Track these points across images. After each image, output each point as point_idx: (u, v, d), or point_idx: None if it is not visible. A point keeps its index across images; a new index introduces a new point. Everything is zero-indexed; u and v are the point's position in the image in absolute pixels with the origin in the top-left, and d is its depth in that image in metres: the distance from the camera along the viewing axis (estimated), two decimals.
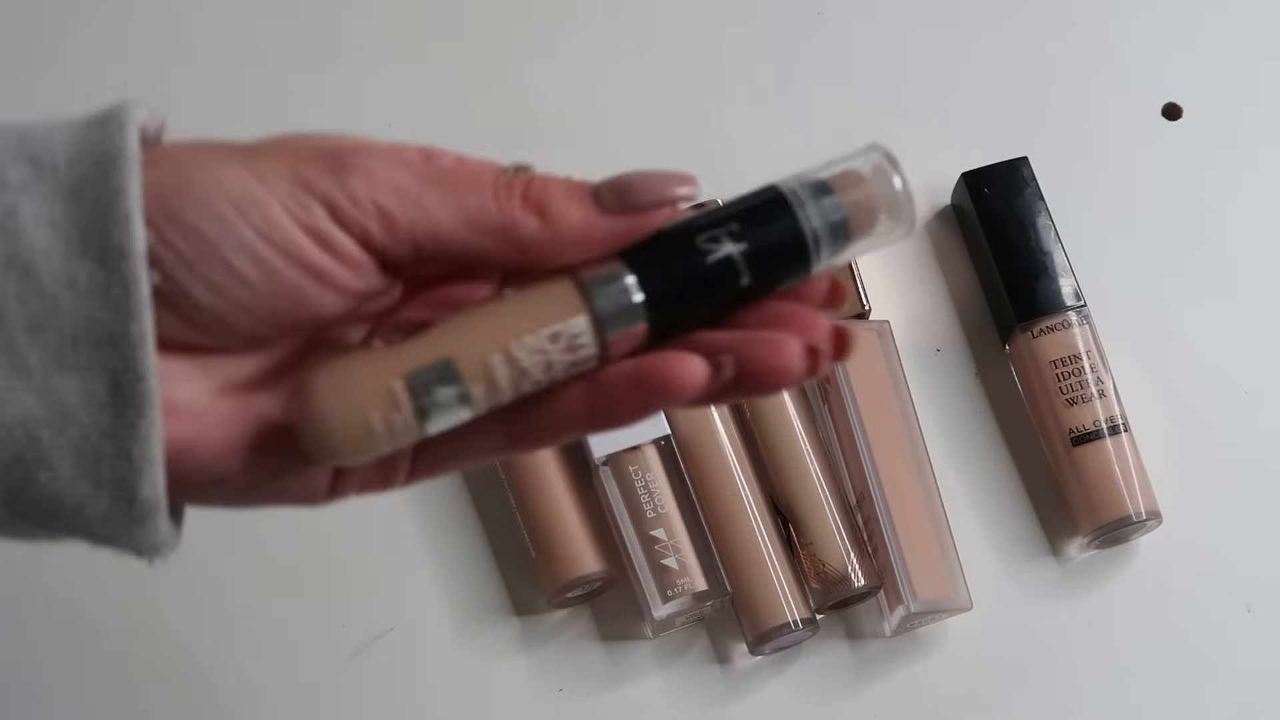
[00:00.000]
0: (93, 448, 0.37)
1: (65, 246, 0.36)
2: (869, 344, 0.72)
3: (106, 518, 0.37)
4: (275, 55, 0.81)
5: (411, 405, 0.38)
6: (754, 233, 0.40)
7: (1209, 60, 0.80)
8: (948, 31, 0.81)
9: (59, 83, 0.80)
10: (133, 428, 0.36)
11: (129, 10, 0.81)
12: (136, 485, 0.37)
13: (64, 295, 0.36)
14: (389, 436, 0.39)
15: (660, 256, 0.40)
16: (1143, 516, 0.70)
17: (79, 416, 0.36)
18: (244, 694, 0.70)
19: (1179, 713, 0.71)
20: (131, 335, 0.36)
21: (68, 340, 0.36)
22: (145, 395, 0.36)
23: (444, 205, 0.39)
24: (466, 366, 0.39)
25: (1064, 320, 0.72)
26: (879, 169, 0.41)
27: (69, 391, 0.36)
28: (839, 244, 0.41)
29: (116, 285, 0.36)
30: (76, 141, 0.37)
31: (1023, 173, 0.74)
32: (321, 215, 0.38)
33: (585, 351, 0.39)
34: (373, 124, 0.79)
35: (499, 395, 0.39)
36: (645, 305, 0.40)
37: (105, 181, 0.37)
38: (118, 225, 0.36)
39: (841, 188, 0.41)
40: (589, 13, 0.81)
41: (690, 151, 0.79)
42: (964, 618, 0.70)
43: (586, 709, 0.70)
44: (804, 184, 0.41)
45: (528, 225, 0.39)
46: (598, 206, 0.40)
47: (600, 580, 0.70)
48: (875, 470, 0.70)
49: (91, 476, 0.37)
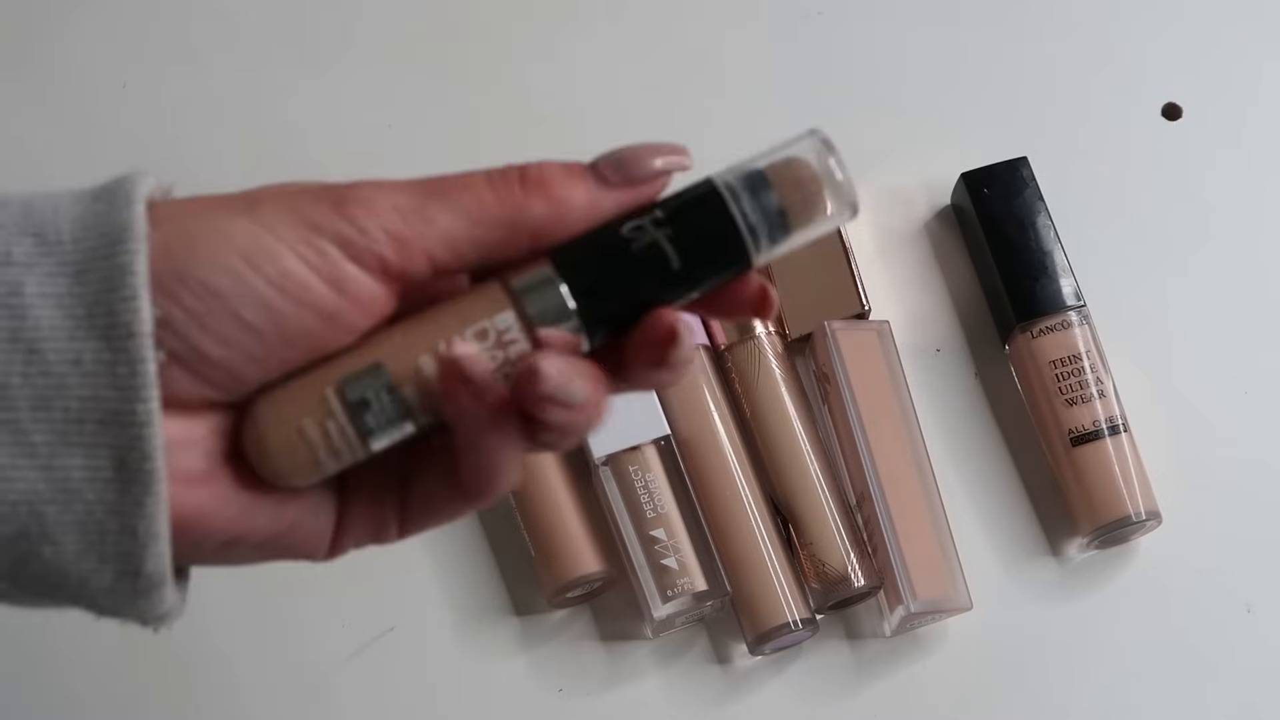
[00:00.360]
0: (97, 524, 0.37)
1: (71, 324, 0.36)
2: (869, 344, 0.72)
3: (111, 591, 0.38)
4: (275, 55, 0.81)
5: (344, 411, 0.38)
6: (685, 225, 0.40)
7: (1209, 60, 0.80)
8: (947, 31, 0.81)
9: (59, 83, 0.80)
10: (138, 505, 0.36)
11: (129, 10, 0.81)
12: (141, 560, 0.37)
13: (70, 373, 0.36)
14: (328, 447, 0.39)
15: (585, 249, 0.40)
16: (1143, 516, 0.70)
17: (84, 494, 0.36)
18: (244, 694, 0.70)
19: (1179, 713, 0.71)
20: (138, 414, 0.36)
21: (73, 419, 0.36)
22: (151, 473, 0.36)
23: (449, 214, 0.39)
24: (396, 368, 0.39)
25: (1064, 320, 0.72)
26: (817, 154, 0.41)
27: (74, 469, 0.36)
28: (779, 234, 0.40)
29: (123, 364, 0.36)
30: (82, 216, 0.37)
31: (1022, 173, 0.74)
32: (335, 255, 0.38)
33: (517, 348, 0.39)
34: (373, 124, 0.79)
35: (431, 388, 0.39)
36: (572, 294, 0.39)
37: (112, 258, 0.36)
38: (124, 304, 0.36)
39: (778, 177, 0.41)
40: (589, 13, 0.81)
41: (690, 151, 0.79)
42: (964, 618, 0.70)
43: (586, 709, 0.70)
44: (739, 175, 0.41)
45: (536, 210, 0.39)
46: (600, 182, 0.40)
47: (600, 580, 0.70)
48: (875, 470, 0.70)
49: (96, 552, 0.37)
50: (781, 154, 0.41)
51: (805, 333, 0.73)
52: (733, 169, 0.41)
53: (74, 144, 0.79)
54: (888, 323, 0.73)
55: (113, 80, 0.80)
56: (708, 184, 0.41)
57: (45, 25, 0.81)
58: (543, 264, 0.39)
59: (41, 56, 0.80)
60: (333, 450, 0.39)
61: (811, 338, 0.73)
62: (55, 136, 0.79)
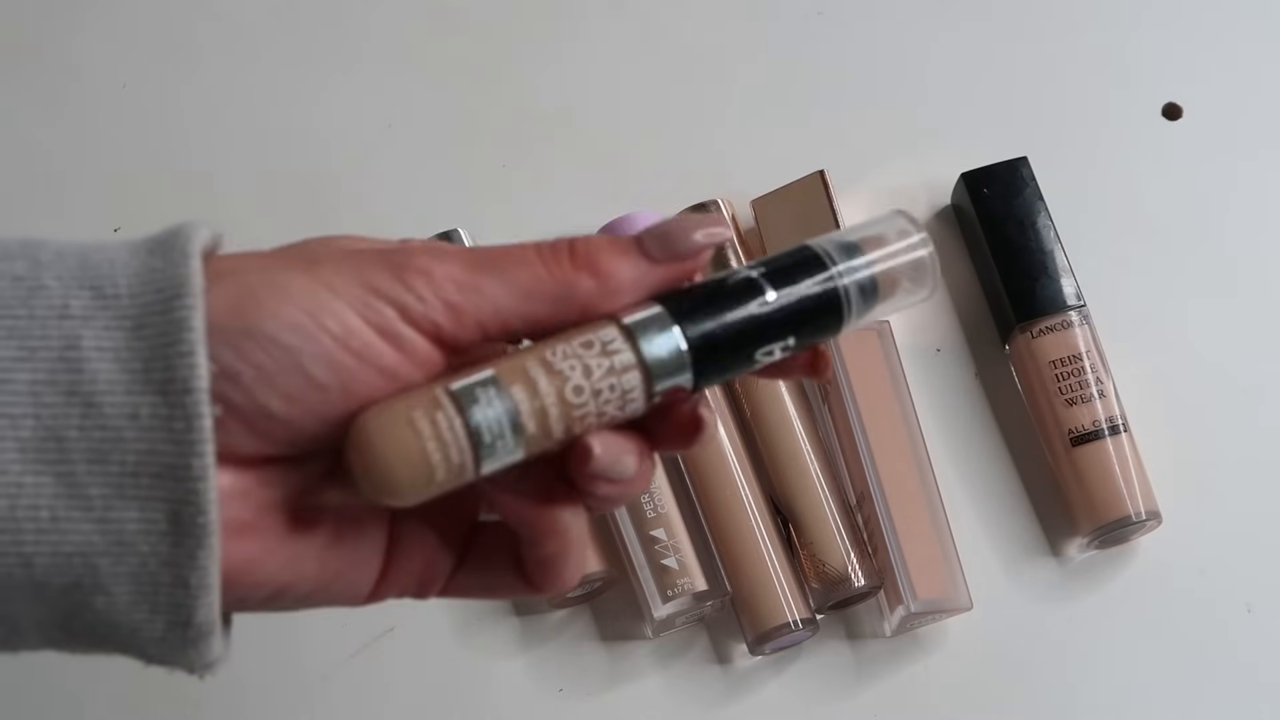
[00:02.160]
0: (150, 576, 0.37)
1: (128, 379, 0.36)
2: (869, 344, 0.72)
3: (162, 640, 0.38)
4: (275, 55, 0.81)
5: (453, 405, 0.39)
6: (789, 284, 0.42)
7: (1209, 60, 0.80)
8: (948, 32, 0.81)
9: (59, 83, 0.80)
10: (191, 557, 0.37)
11: (129, 10, 0.81)
12: (193, 611, 0.38)
13: (126, 427, 0.36)
14: (436, 440, 0.39)
15: (693, 295, 0.42)
16: (1143, 516, 0.70)
17: (138, 546, 0.37)
18: (244, 694, 0.70)
19: (1179, 713, 0.71)
20: (194, 469, 0.37)
21: (129, 472, 0.37)
22: (205, 527, 0.37)
23: (502, 287, 0.40)
24: (506, 373, 0.40)
25: (1064, 320, 0.72)
26: (904, 234, 0.44)
27: (129, 522, 0.37)
28: (868, 303, 0.43)
29: (179, 419, 0.36)
30: (139, 270, 0.38)
31: (1022, 173, 0.74)
32: (393, 317, 0.39)
33: (622, 357, 0.40)
34: (373, 124, 0.79)
35: (545, 404, 0.40)
36: (669, 315, 0.41)
37: (169, 313, 0.37)
38: (182, 359, 0.36)
39: (870, 250, 0.43)
40: (589, 13, 0.81)
41: (690, 151, 0.79)
42: (964, 618, 0.70)
43: (586, 709, 0.70)
44: (835, 245, 0.43)
45: (584, 285, 0.40)
46: (645, 257, 0.41)
47: (600, 580, 0.70)
48: (875, 470, 0.70)
49: (149, 602, 0.37)
50: (875, 229, 0.44)
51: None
52: (827, 239, 0.44)
53: (74, 144, 0.79)
54: (888, 323, 0.73)
55: (113, 80, 0.80)
56: (808, 250, 0.43)
57: (45, 25, 0.81)
58: (650, 303, 0.42)
59: (42, 56, 0.80)
60: (441, 444, 0.39)
61: None
62: (55, 136, 0.79)
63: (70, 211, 0.78)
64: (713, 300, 0.42)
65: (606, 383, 0.40)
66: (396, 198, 0.78)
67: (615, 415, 0.41)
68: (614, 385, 0.40)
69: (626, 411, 0.41)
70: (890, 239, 0.44)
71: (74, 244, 0.38)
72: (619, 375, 0.40)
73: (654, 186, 0.77)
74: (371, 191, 0.78)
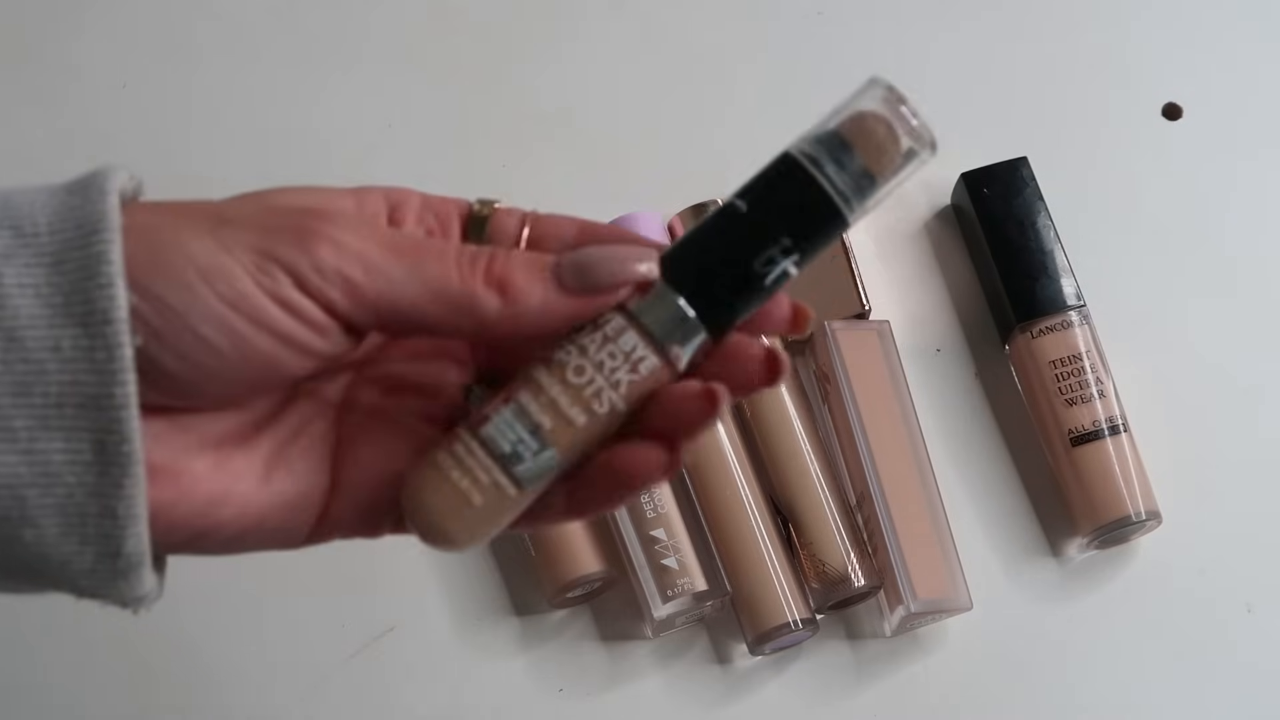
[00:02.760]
0: (78, 506, 0.37)
1: (49, 312, 0.37)
2: (869, 344, 0.72)
3: (92, 572, 0.38)
4: (275, 55, 0.81)
5: (469, 433, 0.40)
6: (775, 202, 0.41)
7: (1209, 60, 0.80)
8: (947, 32, 0.81)
9: (59, 82, 0.80)
10: (117, 486, 0.37)
11: (129, 10, 0.81)
12: (121, 541, 0.38)
13: (48, 360, 0.37)
14: (461, 469, 0.40)
15: (686, 244, 0.41)
16: (1143, 516, 0.70)
17: (64, 477, 0.37)
18: (244, 694, 0.70)
19: (1179, 713, 0.71)
20: (116, 398, 0.37)
21: (52, 403, 0.37)
22: (129, 455, 0.37)
23: (409, 277, 0.39)
24: (510, 388, 0.40)
25: (1064, 320, 0.72)
26: (885, 102, 0.42)
27: (54, 453, 0.37)
28: (867, 189, 0.41)
29: (100, 349, 0.37)
30: (58, 208, 0.38)
31: (1022, 173, 0.74)
32: (287, 284, 0.38)
33: (614, 324, 0.40)
34: (373, 124, 0.79)
35: (551, 395, 0.40)
36: (664, 266, 0.40)
37: (88, 248, 0.37)
38: (101, 291, 0.37)
39: (853, 134, 0.41)
40: (589, 13, 0.81)
41: (690, 151, 0.79)
42: (964, 618, 0.70)
43: (586, 709, 0.70)
44: (815, 141, 0.41)
45: (489, 303, 0.40)
46: (558, 286, 0.40)
47: (600, 580, 0.70)
48: (875, 470, 0.70)
49: (77, 534, 0.38)
50: (851, 110, 0.42)
51: (805, 333, 0.73)
52: (806, 137, 0.41)
53: (74, 144, 0.79)
54: (888, 323, 0.73)
55: (113, 80, 0.80)
56: (787, 157, 0.41)
57: (45, 25, 0.81)
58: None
59: (41, 56, 0.80)
60: (466, 470, 0.40)
61: (812, 338, 0.73)
62: (55, 136, 0.79)
63: None
64: (693, 236, 0.41)
65: (605, 352, 0.40)
66: None
67: (632, 379, 0.40)
68: (613, 352, 0.40)
69: (643, 372, 0.40)
70: (871, 112, 0.41)
71: None
72: (614, 341, 0.40)
73: (654, 186, 0.77)
74: None
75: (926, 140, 0.42)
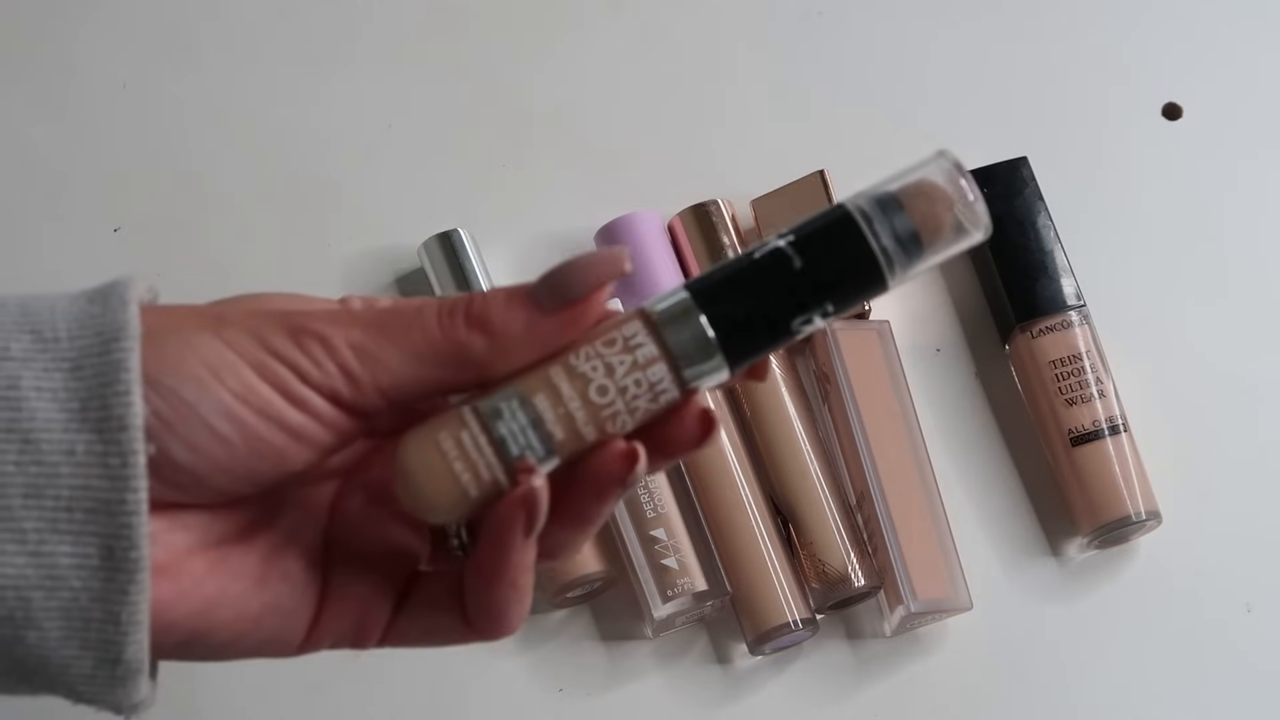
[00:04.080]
0: (82, 611, 0.38)
1: (65, 417, 0.37)
2: (869, 344, 0.72)
3: (91, 677, 0.38)
4: (275, 55, 0.81)
5: (477, 422, 0.40)
6: (820, 250, 0.40)
7: (1209, 60, 0.80)
8: (948, 32, 0.81)
9: (59, 83, 0.80)
10: (123, 593, 0.38)
11: (129, 10, 0.81)
12: (123, 647, 0.38)
13: (62, 463, 0.37)
14: (463, 460, 0.39)
15: (718, 275, 0.41)
16: (1143, 516, 0.70)
17: (70, 580, 0.37)
18: (244, 693, 0.70)
19: (1179, 713, 0.71)
20: (127, 504, 0.37)
21: (63, 506, 0.37)
22: (137, 562, 0.37)
23: (399, 354, 0.40)
24: (530, 385, 0.40)
25: (1064, 320, 0.72)
26: (947, 176, 0.41)
27: (61, 556, 0.37)
28: (914, 255, 0.41)
29: (114, 455, 0.37)
30: (78, 315, 0.39)
31: (1022, 173, 0.74)
32: (290, 378, 0.39)
33: (645, 351, 0.40)
34: (373, 124, 0.79)
35: (570, 409, 0.40)
36: (694, 301, 0.40)
37: (107, 355, 0.38)
38: (118, 398, 0.37)
39: (910, 199, 0.41)
40: (589, 13, 0.81)
41: (690, 151, 0.79)
42: (964, 618, 0.70)
43: (586, 709, 0.70)
44: (871, 199, 0.41)
45: (477, 345, 0.40)
46: (537, 309, 0.40)
47: (600, 580, 0.70)
48: (875, 470, 0.70)
49: (79, 638, 0.38)
50: (912, 177, 0.41)
51: None
52: (864, 194, 0.41)
53: (74, 144, 0.79)
54: (888, 323, 0.73)
55: (113, 80, 0.80)
56: (840, 209, 0.41)
57: (45, 25, 0.81)
58: (679, 291, 0.41)
59: (42, 56, 0.80)
60: (468, 462, 0.40)
61: (811, 338, 0.73)
62: (55, 136, 0.79)
63: (70, 211, 0.78)
64: (739, 278, 0.41)
65: (631, 379, 0.40)
66: (396, 198, 0.78)
67: (648, 409, 0.40)
68: (639, 380, 0.40)
69: (660, 403, 0.40)
70: (932, 184, 0.41)
71: (14, 294, 0.40)
72: (644, 370, 0.40)
73: (654, 186, 0.77)
74: (371, 191, 0.78)
75: (981, 222, 0.41)
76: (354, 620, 0.43)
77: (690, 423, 0.41)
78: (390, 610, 0.44)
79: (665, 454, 0.42)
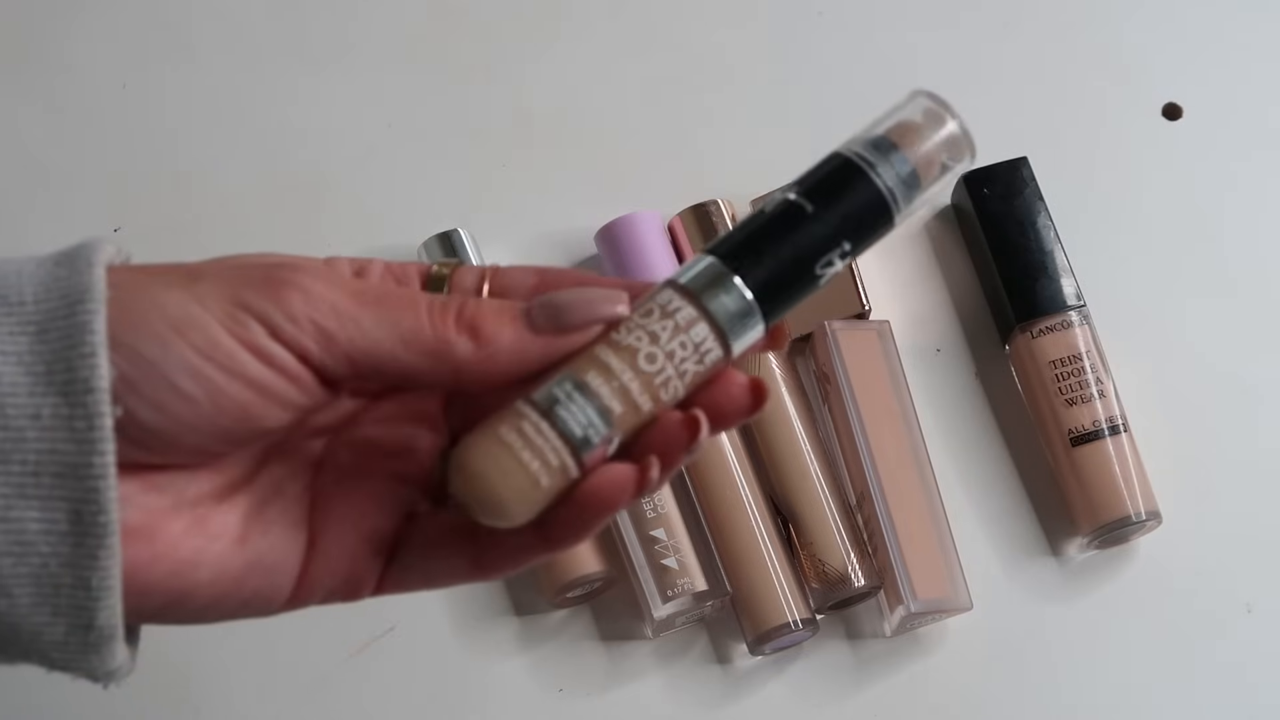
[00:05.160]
0: (51, 576, 0.37)
1: (30, 380, 0.37)
2: (869, 344, 0.72)
3: (63, 644, 0.38)
4: (275, 55, 0.81)
5: (535, 410, 0.40)
6: (829, 196, 0.42)
7: (1209, 60, 0.80)
8: (947, 32, 0.81)
9: (59, 83, 0.80)
10: (92, 557, 0.37)
11: (129, 10, 0.81)
12: (94, 613, 0.38)
13: (28, 428, 0.37)
14: (530, 449, 0.39)
15: (737, 236, 0.42)
16: (1143, 516, 0.70)
17: (38, 546, 0.37)
18: (245, 694, 0.70)
19: (1179, 712, 0.71)
20: (94, 467, 0.37)
21: (30, 471, 0.37)
22: (105, 526, 0.37)
23: (381, 325, 0.40)
24: (579, 366, 0.40)
25: (1064, 320, 0.72)
26: (928, 111, 0.45)
27: (29, 522, 0.37)
28: (913, 193, 0.43)
29: (80, 418, 0.37)
30: (44, 279, 0.38)
31: (1022, 173, 0.74)
32: (260, 332, 0.39)
33: (684, 314, 0.40)
34: (373, 124, 0.79)
35: (624, 381, 0.40)
36: (720, 260, 0.41)
37: (72, 317, 0.37)
38: (83, 360, 0.37)
39: (901, 138, 0.43)
40: (589, 13, 0.81)
41: (690, 151, 0.79)
42: (964, 618, 0.70)
43: (586, 709, 0.70)
44: (865, 143, 0.43)
45: (461, 347, 0.40)
46: (530, 327, 0.41)
47: (600, 580, 0.70)
48: (875, 470, 0.70)
49: (49, 604, 0.37)
50: (896, 117, 0.44)
51: (805, 332, 0.73)
52: (856, 139, 0.43)
53: (74, 144, 0.79)
54: (888, 323, 0.73)
55: (113, 80, 0.80)
56: (839, 156, 0.43)
57: (45, 25, 0.81)
58: (703, 256, 0.42)
59: (42, 56, 0.80)
60: (535, 450, 0.39)
61: (811, 337, 0.73)
62: (55, 136, 0.79)
63: (70, 211, 0.78)
64: (758, 233, 0.42)
65: (677, 341, 0.40)
66: (396, 198, 0.78)
67: (697, 370, 0.41)
68: (684, 342, 0.40)
69: (707, 363, 0.41)
70: (918, 122, 0.44)
71: None
72: (686, 331, 0.41)
73: (654, 186, 0.77)
74: (371, 191, 0.78)
75: (967, 147, 0.45)
76: (344, 574, 0.42)
77: (738, 391, 0.42)
78: (383, 561, 0.43)
79: (719, 424, 0.42)
